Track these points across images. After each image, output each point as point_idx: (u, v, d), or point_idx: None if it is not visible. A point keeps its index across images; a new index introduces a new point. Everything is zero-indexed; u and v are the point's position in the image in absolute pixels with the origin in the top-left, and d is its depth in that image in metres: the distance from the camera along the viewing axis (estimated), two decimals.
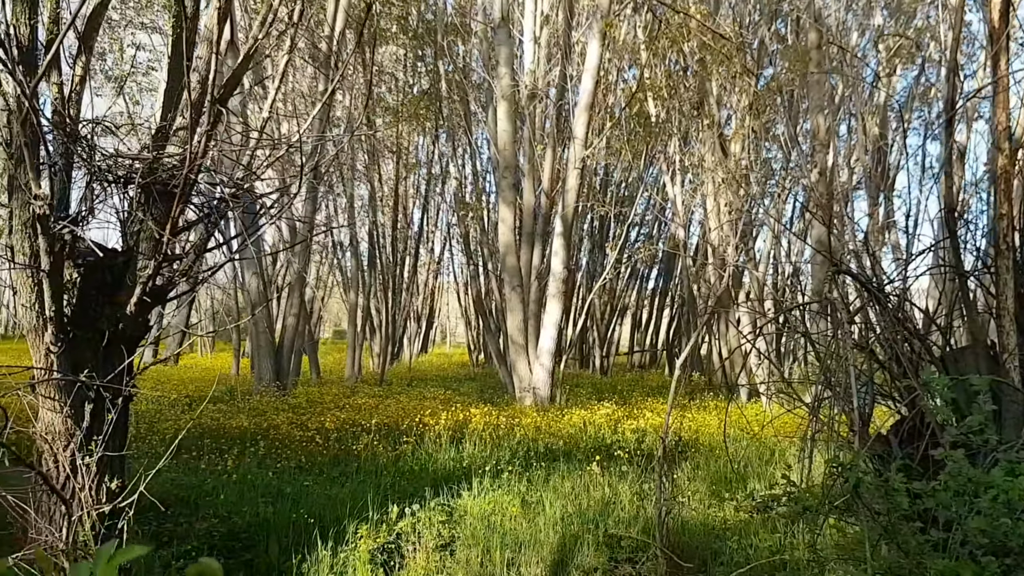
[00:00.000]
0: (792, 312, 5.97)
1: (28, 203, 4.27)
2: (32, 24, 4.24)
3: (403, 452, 8.33)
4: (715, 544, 6.36)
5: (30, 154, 4.17)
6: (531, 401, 13.50)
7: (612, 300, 26.82)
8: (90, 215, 4.76)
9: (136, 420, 9.38)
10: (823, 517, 4.60)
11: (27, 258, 4.40)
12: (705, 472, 8.18)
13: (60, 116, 4.64)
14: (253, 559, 5.93)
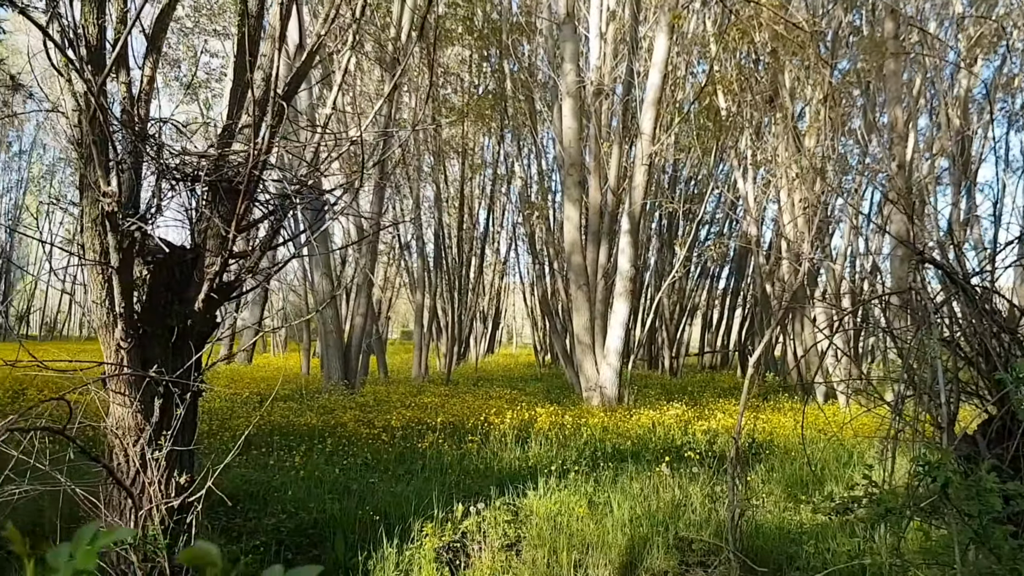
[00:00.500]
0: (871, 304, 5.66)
1: (97, 200, 4.33)
2: (100, 24, 4.30)
3: (468, 450, 8.27)
4: (791, 548, 6.11)
5: (98, 152, 4.23)
6: (598, 401, 13.30)
7: (682, 300, 26.35)
8: (158, 212, 4.82)
9: (209, 418, 9.57)
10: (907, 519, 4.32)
11: (97, 255, 4.48)
12: (780, 474, 7.88)
13: (128, 115, 4.71)
14: (320, 555, 5.94)
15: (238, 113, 5.31)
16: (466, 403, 11.95)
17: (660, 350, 26.10)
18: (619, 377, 13.59)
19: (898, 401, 4.87)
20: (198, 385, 5.02)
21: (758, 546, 6.17)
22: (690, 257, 22.99)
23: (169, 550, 4.78)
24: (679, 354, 26.20)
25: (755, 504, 6.87)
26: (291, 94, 5.33)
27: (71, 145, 4.50)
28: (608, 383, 13.47)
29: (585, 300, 14.21)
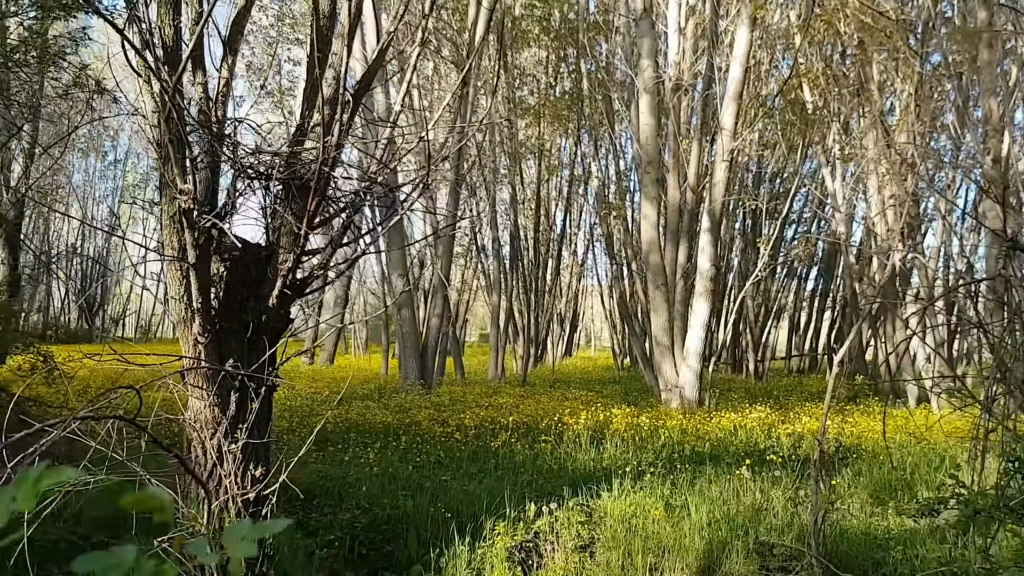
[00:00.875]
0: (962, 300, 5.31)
1: (174, 198, 4.45)
2: (176, 26, 4.42)
3: (541, 450, 8.19)
4: (877, 554, 5.82)
5: (174, 151, 4.34)
6: (677, 404, 13.03)
7: (767, 302, 25.60)
8: (233, 210, 4.93)
9: (289, 415, 9.79)
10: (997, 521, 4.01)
11: (175, 252, 4.60)
12: (867, 479, 7.51)
13: (205, 115, 4.83)
14: (393, 551, 5.95)
15: (310, 112, 5.39)
16: (541, 404, 11.88)
17: (744, 353, 25.44)
18: (699, 379, 13.28)
19: (989, 398, 4.56)
20: (272, 380, 5.11)
21: (842, 551, 5.90)
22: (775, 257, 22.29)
23: None
24: (764, 357, 25.47)
25: (840, 509, 6.57)
26: (361, 92, 5.37)
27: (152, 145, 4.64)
28: (687, 385, 13.18)
29: (663, 301, 13.94)
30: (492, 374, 19.41)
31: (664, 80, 14.81)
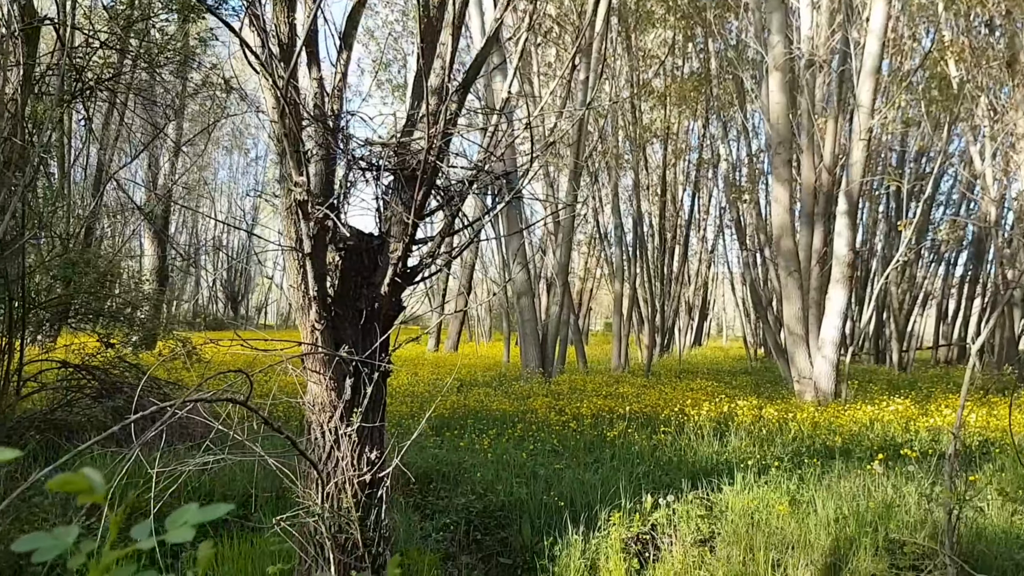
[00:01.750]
0: None
1: (290, 190, 4.62)
2: (291, 23, 4.57)
3: (660, 442, 7.99)
4: (1018, 555, 5.36)
5: (289, 144, 4.50)
6: (811, 396, 12.42)
7: (912, 288, 24.01)
8: (345, 201, 5.06)
9: (411, 400, 10.04)
10: None
11: (292, 241, 4.78)
12: (1012, 475, 6.87)
13: (319, 109, 4.98)
14: (507, 537, 5.98)
15: (418, 103, 5.45)
16: (663, 394, 11.62)
17: (888, 343, 23.99)
18: (835, 370, 12.60)
19: None
20: (386, 365, 5.23)
21: (979, 551, 5.46)
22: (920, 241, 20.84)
23: (361, 522, 5.01)
24: (909, 347, 23.91)
25: (978, 506, 6.05)
26: (469, 81, 5.38)
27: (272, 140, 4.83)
28: (822, 376, 12.54)
29: (796, 288, 13.31)
30: (615, 363, 19.19)
31: (796, 56, 14.10)
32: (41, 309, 7.79)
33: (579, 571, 5.52)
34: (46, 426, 7.09)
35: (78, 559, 0.56)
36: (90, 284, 8.18)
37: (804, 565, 5.65)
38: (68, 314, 8.33)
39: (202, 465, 4.31)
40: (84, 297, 8.28)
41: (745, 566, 5.66)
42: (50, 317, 8.28)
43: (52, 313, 8.18)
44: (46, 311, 7.99)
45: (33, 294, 7.47)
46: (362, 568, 4.96)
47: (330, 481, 4.75)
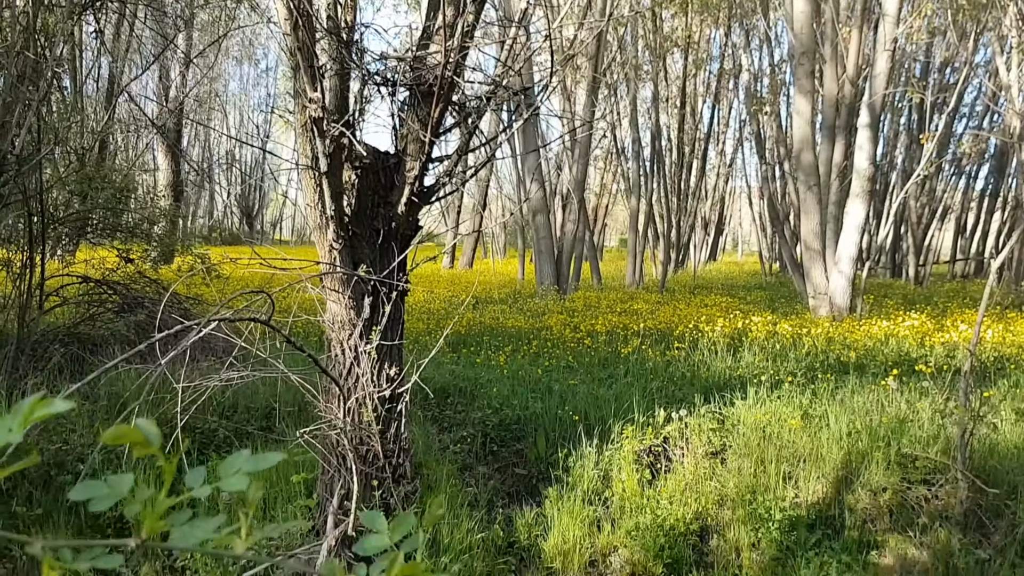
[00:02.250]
0: None
1: (304, 107, 4.56)
2: None
3: (674, 357, 8.08)
4: None
5: (303, 58, 4.41)
6: (826, 311, 12.44)
7: (931, 202, 23.66)
8: (361, 118, 4.99)
9: (427, 317, 10.15)
10: None
11: (308, 160, 4.75)
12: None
13: (333, 21, 4.85)
14: (522, 449, 6.14)
15: (435, 14, 5.30)
16: (677, 310, 11.67)
17: (905, 257, 23.82)
18: (851, 285, 12.56)
19: None
20: (403, 285, 5.27)
21: (991, 466, 5.57)
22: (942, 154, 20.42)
23: (381, 435, 5.15)
24: (927, 261, 23.75)
25: (992, 422, 6.13)
26: None
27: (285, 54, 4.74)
28: (838, 292, 12.53)
29: (815, 202, 13.15)
30: (629, 280, 19.21)
31: None
32: (59, 224, 7.85)
33: (592, 481, 5.68)
34: (70, 340, 7.24)
35: (133, 507, 0.58)
36: (107, 199, 8.21)
37: (815, 478, 5.78)
38: (86, 229, 8.40)
39: (226, 381, 4.41)
40: (101, 212, 8.33)
41: (756, 478, 5.80)
42: (68, 232, 8.36)
43: (70, 228, 8.25)
44: (64, 226, 8.06)
45: (51, 209, 7.51)
46: (383, 478, 5.13)
47: (351, 396, 4.86)
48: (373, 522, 0.75)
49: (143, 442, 0.55)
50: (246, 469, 0.61)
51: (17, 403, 0.71)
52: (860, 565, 5.30)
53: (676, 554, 5.35)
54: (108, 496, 0.59)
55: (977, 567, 5.18)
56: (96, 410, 5.88)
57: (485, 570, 5.13)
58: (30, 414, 0.54)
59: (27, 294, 6.80)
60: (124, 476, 0.60)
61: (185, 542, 0.61)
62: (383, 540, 0.73)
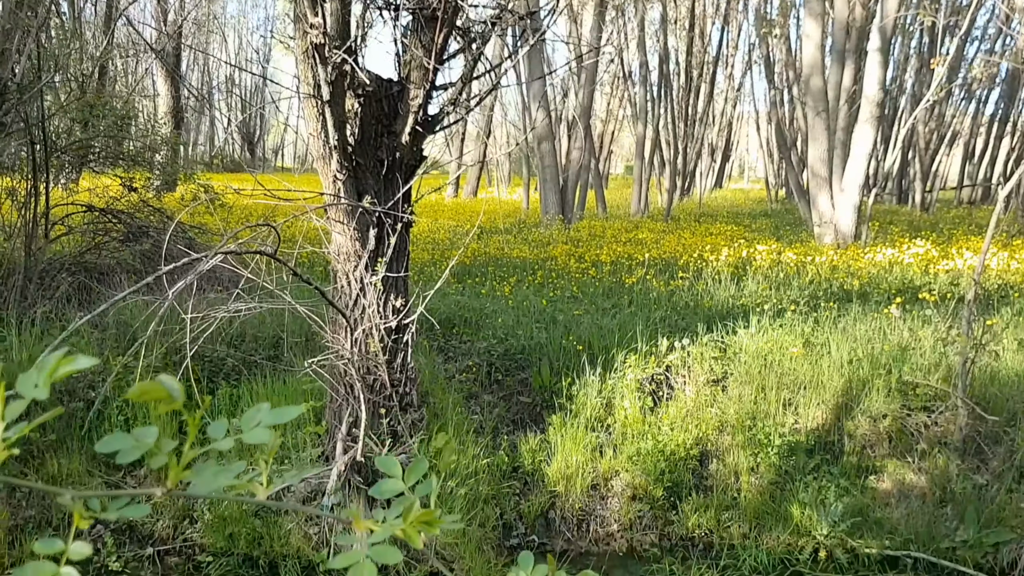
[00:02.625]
0: None
1: (305, 32, 4.46)
2: None
3: (678, 287, 8.11)
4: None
5: None
6: (831, 239, 12.40)
7: (940, 127, 23.26)
8: (363, 44, 4.89)
9: (432, 247, 10.15)
10: None
11: (310, 88, 4.67)
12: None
13: None
14: (527, 378, 6.23)
15: None
16: (682, 240, 11.65)
17: (912, 183, 23.57)
18: (857, 212, 12.49)
19: None
20: (408, 216, 5.26)
21: (992, 394, 5.65)
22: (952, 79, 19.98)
23: (388, 365, 5.23)
24: (933, 188, 23.51)
25: (994, 350, 6.18)
26: None
27: None
28: (844, 219, 12.46)
29: (823, 128, 12.97)
30: (634, 208, 19.10)
31: None
32: (62, 153, 7.80)
33: (595, 409, 5.79)
34: (77, 268, 7.29)
35: (159, 459, 0.60)
36: (108, 127, 8.14)
37: (815, 405, 5.87)
38: (88, 158, 8.35)
39: (234, 312, 4.45)
40: (103, 140, 8.27)
41: (756, 405, 5.90)
42: (71, 160, 8.32)
43: (72, 157, 8.20)
44: (67, 155, 8.01)
45: (53, 137, 7.46)
46: (390, 406, 5.23)
47: (358, 327, 4.91)
48: (389, 467, 0.77)
49: (167, 398, 0.57)
50: (267, 422, 0.62)
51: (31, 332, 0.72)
52: (858, 489, 5.45)
53: (676, 478, 5.49)
54: (135, 449, 0.61)
55: (974, 492, 5.31)
56: (105, 338, 5.95)
57: (490, 493, 5.28)
58: (55, 370, 0.55)
59: (33, 223, 6.81)
60: (149, 429, 0.62)
61: (208, 489, 0.63)
62: (398, 484, 0.75)
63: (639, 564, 5.20)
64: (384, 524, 0.68)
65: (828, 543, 5.18)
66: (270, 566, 4.90)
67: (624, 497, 5.47)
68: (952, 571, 5.03)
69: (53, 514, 4.86)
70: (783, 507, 5.31)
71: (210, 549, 4.94)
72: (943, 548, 5.11)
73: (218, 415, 5.36)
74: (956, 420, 5.55)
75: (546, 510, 5.46)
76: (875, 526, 5.25)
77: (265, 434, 0.61)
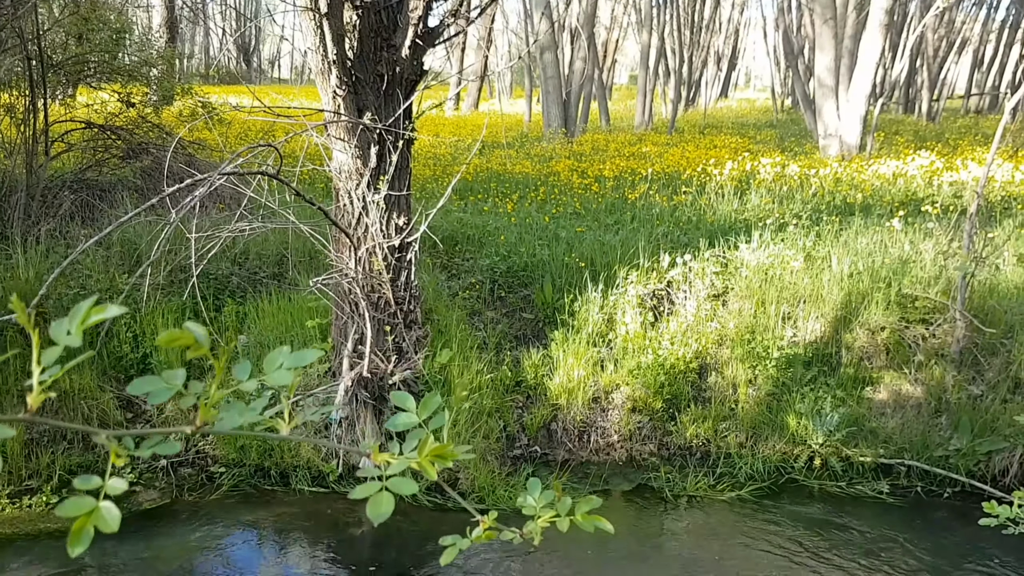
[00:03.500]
0: None
1: None
2: None
3: (680, 202, 8.07)
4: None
5: None
6: (836, 150, 12.25)
7: (949, 34, 22.61)
8: None
9: (433, 163, 10.07)
10: None
11: (308, 1, 4.56)
12: None
13: None
14: (529, 295, 6.30)
15: None
16: (686, 153, 11.52)
17: (919, 92, 23.09)
18: (863, 123, 12.29)
19: None
20: (409, 133, 5.20)
21: (990, 306, 5.71)
22: None
23: (392, 283, 5.28)
24: (941, 96, 23.02)
25: (994, 263, 6.21)
26: None
27: None
28: (849, 129, 12.27)
29: (831, 36, 12.63)
30: (639, 120, 18.78)
31: None
32: (58, 68, 7.67)
33: (597, 324, 5.88)
34: (78, 186, 7.27)
35: (188, 400, 0.64)
36: (103, 41, 7.97)
37: (814, 318, 5.95)
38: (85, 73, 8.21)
39: (237, 232, 4.46)
40: (99, 55, 8.11)
41: (756, 318, 5.98)
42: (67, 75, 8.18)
43: (69, 72, 8.07)
44: (63, 70, 7.88)
45: (49, 52, 7.32)
46: (394, 323, 5.31)
47: (361, 246, 4.93)
48: (403, 401, 0.81)
49: (195, 344, 0.59)
50: (288, 365, 0.66)
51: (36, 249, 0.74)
52: (854, 400, 5.59)
53: (675, 391, 5.63)
54: (165, 391, 0.64)
55: (969, 402, 5.45)
56: (110, 256, 6.00)
57: (494, 407, 5.43)
58: (86, 318, 0.58)
59: (32, 140, 6.75)
60: (177, 371, 0.65)
61: (233, 425, 0.67)
62: (412, 418, 0.79)
63: (638, 472, 5.39)
64: (400, 457, 0.72)
65: (823, 452, 5.34)
66: (281, 476, 5.09)
67: (624, 409, 5.62)
68: (945, 478, 5.22)
69: (66, 431, 5.02)
70: (780, 417, 5.46)
71: (222, 460, 5.11)
72: (936, 457, 5.28)
73: (224, 332, 5.46)
74: (954, 332, 5.64)
75: (548, 422, 5.62)
76: (870, 435, 5.41)
77: (287, 376, 0.65)
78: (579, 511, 0.82)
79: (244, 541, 4.58)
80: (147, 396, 0.65)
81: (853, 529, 4.80)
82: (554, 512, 0.83)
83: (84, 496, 0.58)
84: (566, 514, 0.83)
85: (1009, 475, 5.15)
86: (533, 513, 0.84)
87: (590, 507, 0.83)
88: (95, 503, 0.58)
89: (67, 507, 0.58)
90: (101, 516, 0.58)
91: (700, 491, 5.14)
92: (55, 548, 4.29)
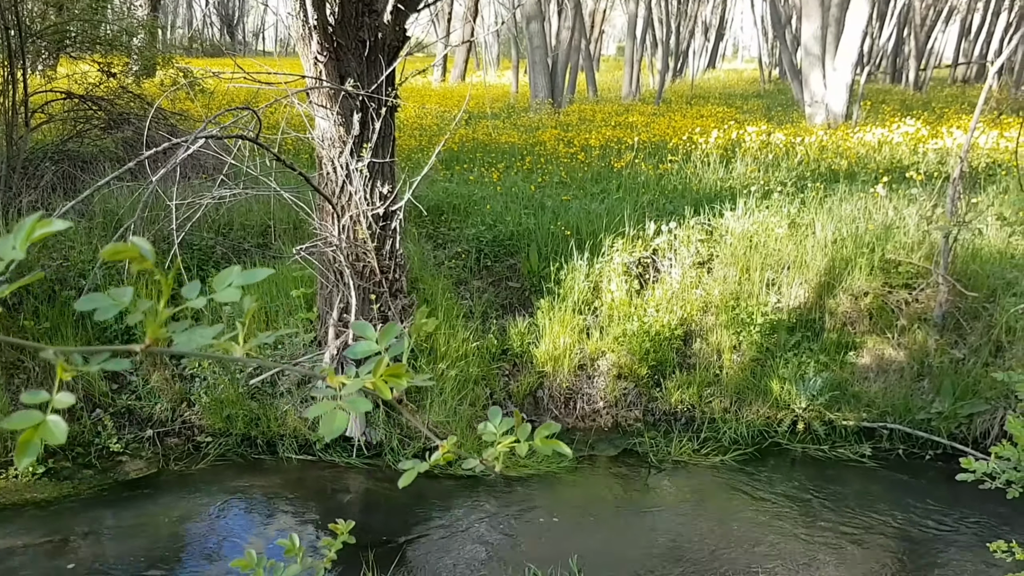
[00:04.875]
0: None
1: None
2: None
3: (666, 171, 8.06)
4: (1010, 274, 5.65)
5: None
6: (822, 119, 12.23)
7: (936, 2, 22.51)
8: None
9: (419, 134, 9.99)
10: None
11: None
12: (1015, 197, 6.98)
13: None
14: (515, 264, 6.30)
15: None
16: (673, 122, 11.48)
17: (906, 61, 23.03)
18: (849, 92, 12.26)
19: None
20: (393, 100, 5.16)
21: (973, 271, 5.75)
22: None
23: (376, 252, 5.27)
24: (928, 66, 22.96)
25: (976, 228, 6.25)
26: None
27: None
28: (835, 98, 12.24)
29: (818, 4, 12.56)
30: (626, 91, 18.69)
31: None
32: (37, 38, 7.56)
33: (582, 292, 5.89)
34: (60, 157, 7.20)
35: (135, 316, 0.64)
36: (83, 10, 7.85)
37: (798, 284, 5.98)
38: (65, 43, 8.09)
39: (219, 199, 4.43)
40: (79, 24, 7.99)
41: (740, 285, 6.00)
42: (47, 46, 8.07)
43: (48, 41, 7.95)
44: (42, 40, 7.77)
45: (28, 22, 7.21)
46: (379, 292, 5.31)
47: (345, 214, 4.91)
48: (363, 330, 0.81)
49: (139, 258, 0.59)
50: (237, 283, 0.65)
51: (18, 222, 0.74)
52: (837, 364, 5.63)
53: (660, 357, 5.66)
54: (112, 307, 0.64)
55: (951, 366, 5.50)
56: (92, 226, 5.95)
57: (480, 375, 5.44)
58: (31, 232, 0.58)
59: (12, 111, 6.67)
60: (125, 288, 0.64)
61: (187, 347, 0.67)
62: (371, 346, 0.79)
63: (624, 438, 5.43)
64: (355, 379, 0.72)
65: (806, 416, 5.40)
66: (268, 445, 5.10)
67: (610, 376, 5.65)
68: (926, 441, 5.28)
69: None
70: (763, 382, 5.51)
71: (208, 430, 5.12)
72: (919, 419, 5.34)
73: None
74: (936, 296, 5.68)
75: (534, 389, 5.64)
76: (853, 399, 5.46)
77: (235, 293, 0.64)
78: (538, 436, 0.83)
79: (231, 509, 4.60)
80: (94, 312, 0.65)
81: (836, 491, 4.86)
82: (514, 438, 0.83)
83: (32, 410, 0.58)
84: (525, 439, 0.83)
85: (990, 437, 5.21)
86: (493, 440, 0.84)
87: (549, 432, 0.83)
88: (42, 416, 0.58)
89: (14, 420, 0.58)
90: (48, 428, 0.58)
91: (685, 456, 5.19)
92: (41, 518, 4.30)
